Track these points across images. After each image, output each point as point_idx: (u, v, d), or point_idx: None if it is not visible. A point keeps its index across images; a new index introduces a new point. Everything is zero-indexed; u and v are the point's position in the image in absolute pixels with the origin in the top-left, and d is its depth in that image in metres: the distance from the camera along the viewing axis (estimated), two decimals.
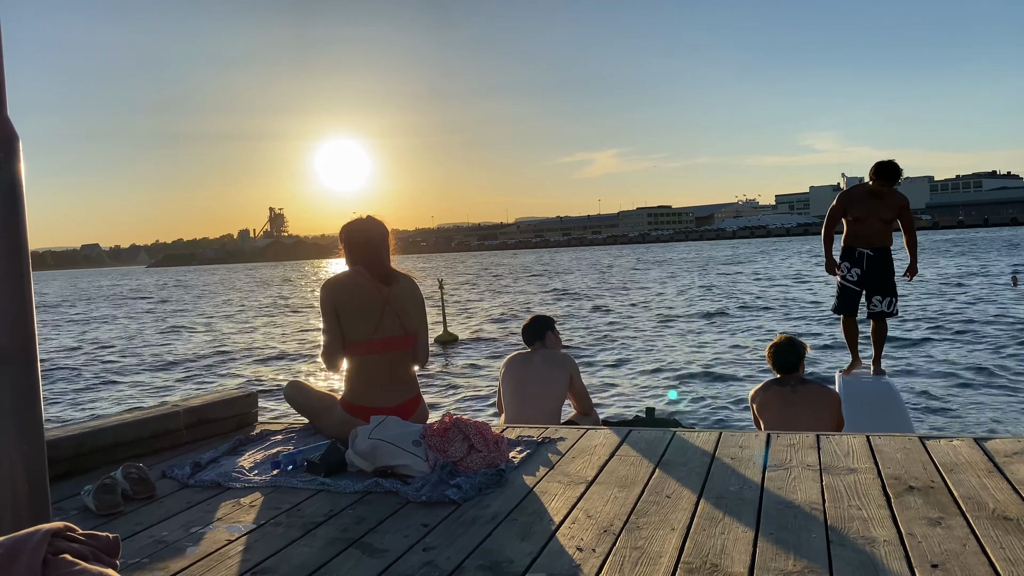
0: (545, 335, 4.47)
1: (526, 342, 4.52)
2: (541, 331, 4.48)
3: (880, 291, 5.98)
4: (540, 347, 4.45)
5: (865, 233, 5.99)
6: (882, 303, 5.99)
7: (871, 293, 6.02)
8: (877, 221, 5.94)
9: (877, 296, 5.99)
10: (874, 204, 5.94)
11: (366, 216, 3.60)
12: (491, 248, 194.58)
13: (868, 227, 5.97)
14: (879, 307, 6.01)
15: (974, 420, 7.91)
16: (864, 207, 5.97)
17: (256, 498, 2.75)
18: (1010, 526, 2.16)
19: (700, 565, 1.99)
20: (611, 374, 11.52)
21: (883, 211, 5.94)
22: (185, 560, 2.19)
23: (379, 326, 3.43)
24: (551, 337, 4.48)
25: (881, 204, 5.95)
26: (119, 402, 11.75)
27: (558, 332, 4.57)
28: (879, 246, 5.99)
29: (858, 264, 6.00)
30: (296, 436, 3.59)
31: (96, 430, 3.23)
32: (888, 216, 5.94)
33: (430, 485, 2.69)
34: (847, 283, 6.05)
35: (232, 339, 19.76)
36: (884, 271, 5.99)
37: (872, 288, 5.99)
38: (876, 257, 5.97)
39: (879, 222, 5.94)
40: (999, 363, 10.80)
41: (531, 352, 4.43)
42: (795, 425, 4.01)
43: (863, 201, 5.98)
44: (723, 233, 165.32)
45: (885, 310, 6.00)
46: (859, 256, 6.01)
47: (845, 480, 2.63)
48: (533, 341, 4.48)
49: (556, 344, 4.51)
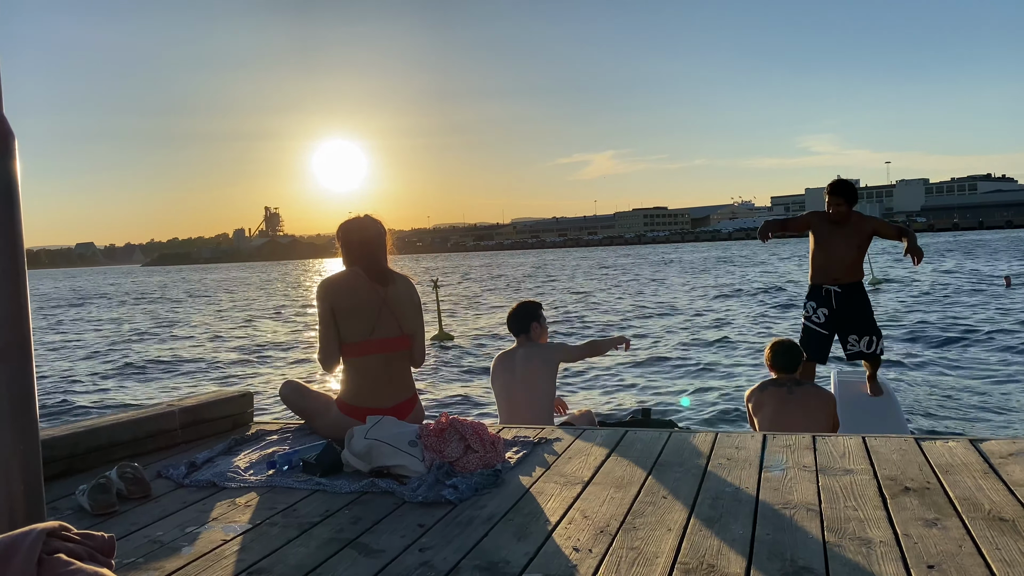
0: (530, 327, 4.34)
1: (511, 332, 4.43)
2: (526, 323, 4.36)
3: (856, 330, 5.23)
4: (525, 340, 4.35)
5: (828, 266, 5.26)
6: (859, 342, 5.24)
7: (845, 333, 5.26)
8: (842, 253, 5.23)
9: (853, 335, 5.24)
10: (835, 231, 5.24)
11: (363, 215, 3.59)
12: (487, 249, 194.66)
13: (830, 258, 5.25)
14: (856, 347, 5.26)
15: (970, 421, 7.92)
16: (826, 236, 5.28)
17: (252, 498, 2.75)
18: (1006, 527, 2.17)
19: (696, 566, 1.99)
20: (607, 374, 11.52)
21: (846, 239, 5.22)
22: (181, 560, 2.18)
23: (376, 327, 3.43)
24: (536, 328, 4.36)
25: (842, 231, 5.23)
26: (114, 402, 11.73)
27: (544, 321, 4.43)
28: (847, 281, 5.24)
29: (825, 304, 5.24)
30: (292, 436, 3.58)
31: (91, 430, 3.22)
32: (855, 247, 5.23)
33: (426, 485, 2.69)
34: (812, 325, 5.29)
35: (227, 339, 19.72)
36: (858, 307, 5.22)
37: (846, 328, 5.25)
38: (845, 293, 5.21)
39: (844, 254, 5.22)
40: (994, 364, 10.82)
41: (513, 350, 4.35)
42: (791, 426, 4.01)
43: (826, 229, 5.29)
44: (718, 235, 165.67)
45: (864, 350, 5.26)
46: (826, 294, 5.24)
47: (841, 481, 2.64)
48: (518, 333, 4.38)
49: (542, 335, 4.40)
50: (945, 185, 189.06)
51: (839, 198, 5.20)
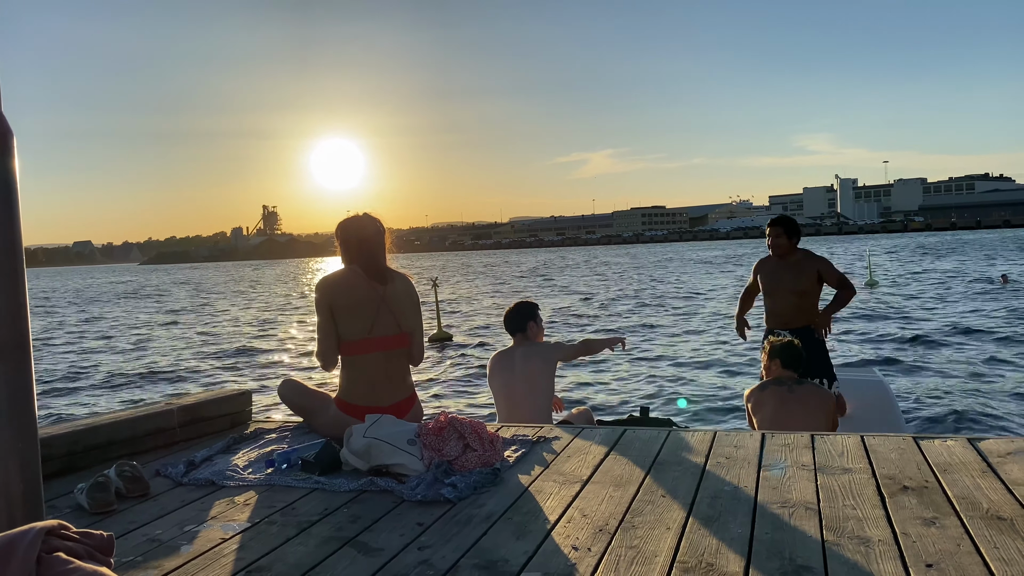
0: (527, 326, 4.37)
1: (508, 331, 4.46)
2: (523, 322, 4.38)
3: (808, 374, 4.86)
4: (522, 339, 4.37)
5: (777, 310, 5.20)
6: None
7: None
8: (787, 293, 5.14)
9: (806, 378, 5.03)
10: (780, 273, 5.18)
11: (362, 214, 3.58)
12: (485, 247, 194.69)
13: (778, 301, 5.19)
14: None
15: (968, 420, 7.93)
16: (770, 277, 5.23)
17: (250, 496, 2.75)
18: (1004, 526, 2.17)
19: (695, 564, 1.99)
20: (605, 373, 11.52)
21: (792, 279, 5.13)
22: (179, 559, 2.18)
23: (374, 325, 3.42)
24: (533, 328, 4.38)
25: (788, 273, 5.15)
26: (113, 400, 11.72)
27: (541, 320, 4.46)
28: (796, 325, 5.10)
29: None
30: (290, 435, 3.58)
31: (90, 428, 3.22)
32: (799, 287, 5.12)
33: (425, 484, 2.69)
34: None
35: (226, 337, 19.71)
36: (810, 351, 4.82)
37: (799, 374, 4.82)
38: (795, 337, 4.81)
39: (789, 294, 5.14)
40: (992, 362, 10.83)
41: (511, 349, 4.36)
42: (790, 425, 4.01)
43: (770, 270, 5.24)
44: (716, 234, 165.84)
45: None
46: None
47: (840, 480, 2.64)
48: (515, 332, 4.40)
49: (539, 334, 4.42)
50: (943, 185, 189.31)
51: (778, 228, 5.22)
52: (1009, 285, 22.76)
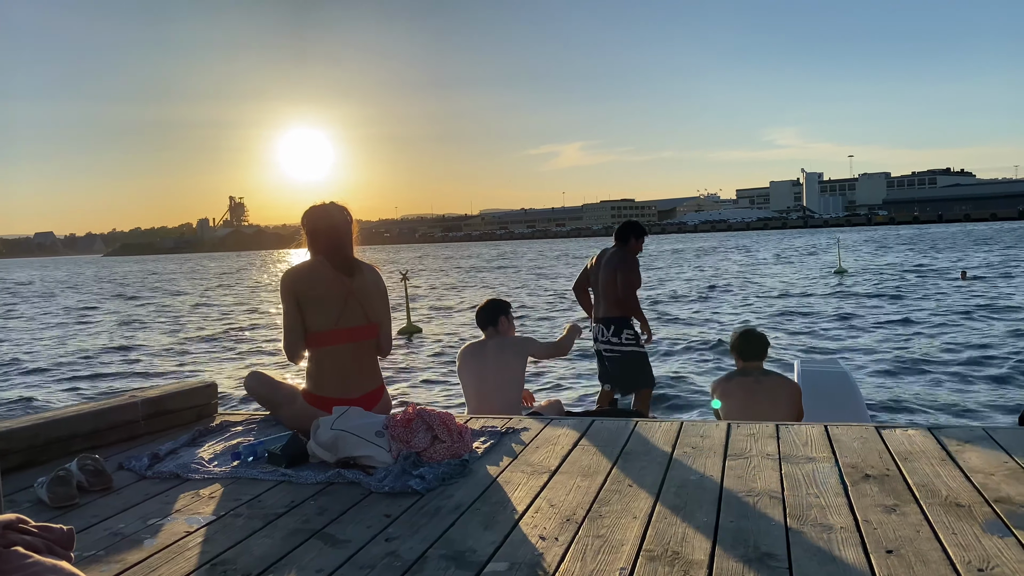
0: (498, 320, 4.43)
1: (479, 326, 4.50)
2: (494, 316, 4.44)
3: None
4: (493, 333, 4.42)
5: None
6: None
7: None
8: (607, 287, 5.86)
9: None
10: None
11: (329, 203, 3.54)
12: (456, 240, 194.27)
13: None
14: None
15: (928, 410, 8.08)
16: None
17: (216, 489, 2.72)
18: (962, 512, 2.22)
19: (661, 553, 2.01)
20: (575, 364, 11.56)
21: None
22: (142, 552, 2.15)
23: (342, 316, 3.39)
24: (504, 322, 4.44)
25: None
26: (76, 394, 11.52)
27: (512, 317, 4.54)
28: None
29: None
30: (257, 427, 3.55)
31: (51, 421, 3.16)
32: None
33: (393, 475, 2.68)
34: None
35: (192, 329, 19.46)
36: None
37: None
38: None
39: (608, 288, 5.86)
40: (951, 353, 11.05)
41: (483, 341, 4.41)
42: (758, 415, 4.05)
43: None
44: (685, 227, 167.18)
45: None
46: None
47: (804, 469, 2.68)
48: (486, 326, 4.46)
49: (510, 329, 4.48)
50: (906, 179, 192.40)
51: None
52: (968, 280, 23.21)
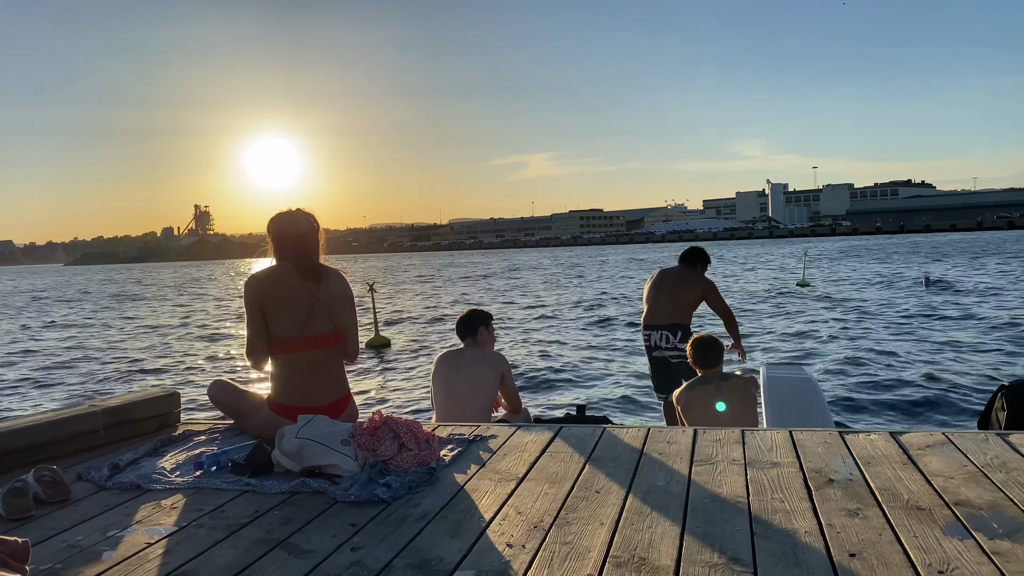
0: (478, 331, 4.42)
1: (459, 336, 4.48)
2: (474, 326, 4.43)
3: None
4: (472, 343, 4.40)
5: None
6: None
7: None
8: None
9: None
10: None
11: (295, 209, 3.50)
12: (424, 249, 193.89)
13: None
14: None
15: (890, 415, 8.21)
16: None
17: (178, 500, 2.67)
18: (923, 516, 2.25)
19: (628, 559, 2.01)
20: (545, 373, 11.57)
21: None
22: (101, 565, 2.10)
23: (308, 323, 3.36)
24: (484, 333, 4.43)
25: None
26: (33, 402, 11.27)
27: (492, 329, 4.52)
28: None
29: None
30: (220, 436, 3.49)
31: (7, 431, 3.08)
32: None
33: (359, 484, 2.66)
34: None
35: (153, 337, 19.16)
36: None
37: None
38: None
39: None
40: (913, 359, 11.23)
41: (462, 350, 4.39)
42: (722, 421, 4.08)
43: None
44: (653, 236, 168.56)
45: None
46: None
47: (769, 474, 2.70)
48: (465, 336, 4.43)
49: (489, 341, 4.47)
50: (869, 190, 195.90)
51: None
52: (931, 287, 23.68)
